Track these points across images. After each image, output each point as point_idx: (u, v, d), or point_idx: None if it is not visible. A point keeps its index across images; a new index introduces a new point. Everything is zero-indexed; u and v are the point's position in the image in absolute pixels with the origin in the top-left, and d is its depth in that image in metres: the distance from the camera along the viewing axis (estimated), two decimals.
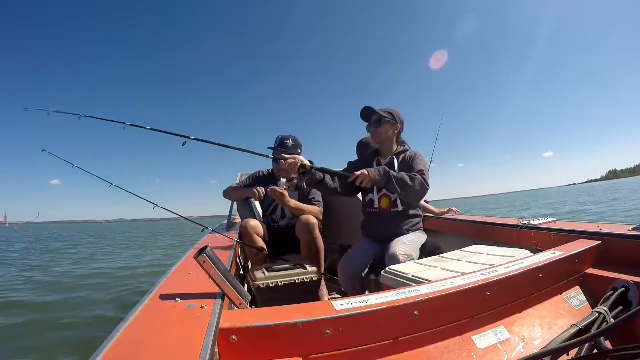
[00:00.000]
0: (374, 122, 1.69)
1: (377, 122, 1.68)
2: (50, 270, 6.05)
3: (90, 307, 3.42)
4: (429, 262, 1.22)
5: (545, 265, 0.91)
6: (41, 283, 4.83)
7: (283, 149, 2.07)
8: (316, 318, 0.64)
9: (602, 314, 0.79)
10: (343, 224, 2.28)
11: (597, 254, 1.07)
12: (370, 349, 0.67)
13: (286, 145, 2.09)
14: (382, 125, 1.67)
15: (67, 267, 6.57)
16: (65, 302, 3.67)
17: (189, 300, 0.70)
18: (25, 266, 6.76)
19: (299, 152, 2.13)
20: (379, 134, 1.68)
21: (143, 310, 0.66)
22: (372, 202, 1.69)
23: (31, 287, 4.56)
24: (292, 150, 2.09)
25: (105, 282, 4.71)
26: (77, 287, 4.48)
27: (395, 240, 1.54)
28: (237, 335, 0.60)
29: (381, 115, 1.65)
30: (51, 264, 7.13)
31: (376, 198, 1.67)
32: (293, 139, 2.12)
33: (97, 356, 0.48)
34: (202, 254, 0.72)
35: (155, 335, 0.55)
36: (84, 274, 5.56)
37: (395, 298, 0.73)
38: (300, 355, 0.63)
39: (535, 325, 0.82)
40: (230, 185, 2.24)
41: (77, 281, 4.91)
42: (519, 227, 1.50)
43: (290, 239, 1.94)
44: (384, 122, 1.66)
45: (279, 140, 2.11)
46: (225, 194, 2.23)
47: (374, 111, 1.66)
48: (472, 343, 0.73)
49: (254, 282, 1.48)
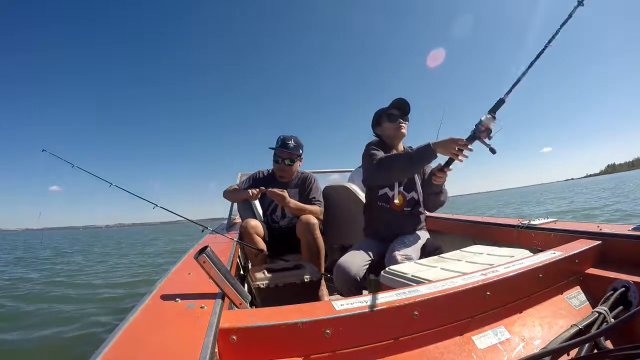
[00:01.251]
0: (407, 117, 1.68)
1: (408, 118, 1.68)
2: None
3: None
4: (429, 262, 1.22)
5: (545, 265, 0.92)
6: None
7: (285, 149, 2.07)
8: (316, 318, 0.64)
9: (602, 314, 0.79)
10: (343, 223, 2.29)
11: (597, 254, 1.07)
12: (370, 349, 0.67)
13: (288, 146, 2.08)
14: (407, 123, 1.69)
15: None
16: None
17: (189, 300, 0.70)
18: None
19: (300, 152, 2.13)
20: (405, 128, 1.67)
21: (143, 310, 0.66)
22: (385, 197, 1.65)
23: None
24: (294, 150, 2.09)
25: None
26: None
27: (397, 240, 1.54)
28: (237, 335, 0.60)
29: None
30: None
31: (395, 193, 1.62)
32: (295, 140, 2.11)
33: (97, 356, 0.48)
34: (202, 254, 0.72)
35: (155, 335, 0.55)
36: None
37: (395, 298, 0.73)
38: (300, 355, 0.63)
39: (535, 325, 0.82)
40: (230, 186, 2.24)
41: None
42: (518, 227, 1.50)
43: (291, 239, 1.94)
44: (409, 120, 1.69)
45: (281, 141, 2.10)
46: (225, 194, 2.23)
47: (410, 107, 1.66)
48: (472, 343, 0.73)
49: (254, 282, 1.48)
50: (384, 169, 1.48)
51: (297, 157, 2.11)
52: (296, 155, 2.10)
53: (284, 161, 2.08)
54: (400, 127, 1.64)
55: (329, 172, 3.29)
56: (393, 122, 1.64)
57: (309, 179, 2.17)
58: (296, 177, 2.18)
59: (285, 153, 2.07)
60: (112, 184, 1.57)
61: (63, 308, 3.51)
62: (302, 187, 2.15)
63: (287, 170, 2.12)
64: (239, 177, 2.87)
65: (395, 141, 1.69)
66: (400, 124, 1.64)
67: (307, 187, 2.14)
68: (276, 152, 2.09)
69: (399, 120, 1.64)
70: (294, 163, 2.11)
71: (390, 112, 1.65)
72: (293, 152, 2.08)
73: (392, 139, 1.68)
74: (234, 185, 2.24)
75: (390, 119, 1.65)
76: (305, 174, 2.21)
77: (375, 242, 1.64)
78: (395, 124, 1.64)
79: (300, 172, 2.22)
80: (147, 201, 1.52)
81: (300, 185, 2.15)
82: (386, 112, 1.67)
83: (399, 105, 1.65)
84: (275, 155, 2.11)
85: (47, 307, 3.59)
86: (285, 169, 2.11)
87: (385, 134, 1.69)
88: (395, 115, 1.65)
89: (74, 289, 4.68)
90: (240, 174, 2.89)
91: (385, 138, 1.70)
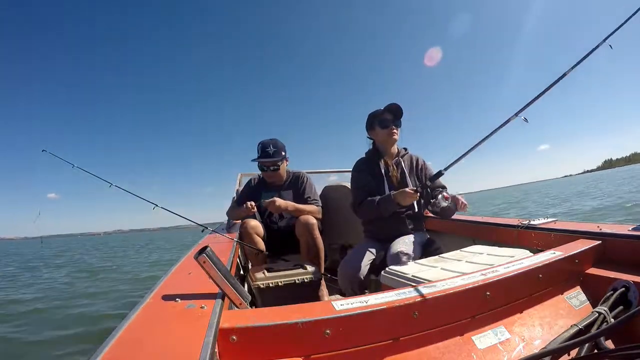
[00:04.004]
0: (399, 122, 1.69)
1: (400, 123, 1.69)
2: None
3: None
4: (429, 262, 1.22)
5: (545, 265, 0.91)
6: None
7: (266, 158, 2.03)
8: (316, 318, 0.64)
9: (602, 314, 0.79)
10: (343, 224, 2.28)
11: (597, 253, 1.07)
12: (370, 349, 0.67)
13: (268, 153, 2.03)
14: (400, 128, 1.70)
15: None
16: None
17: (189, 300, 0.70)
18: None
19: (283, 154, 2.09)
20: (397, 134, 1.69)
21: (143, 310, 0.66)
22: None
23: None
24: (276, 156, 2.04)
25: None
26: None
27: (397, 240, 1.54)
28: (237, 335, 0.60)
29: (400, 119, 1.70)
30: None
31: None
32: (273, 144, 2.06)
33: (97, 356, 0.48)
34: (202, 254, 0.72)
35: (155, 335, 0.55)
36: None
37: (395, 298, 0.73)
38: (301, 355, 0.63)
39: (535, 325, 0.82)
40: (229, 207, 2.22)
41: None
42: (518, 227, 1.50)
43: (290, 239, 1.94)
44: (401, 125, 1.70)
45: (260, 149, 2.06)
46: (228, 215, 2.24)
47: (402, 112, 1.68)
48: (472, 343, 0.73)
49: (254, 282, 1.48)
50: (360, 212, 1.68)
51: (280, 161, 2.07)
52: (278, 160, 2.06)
53: (269, 169, 2.06)
54: (392, 134, 1.67)
55: (328, 172, 3.29)
56: (384, 129, 1.68)
57: (301, 178, 2.15)
58: (288, 178, 2.17)
59: (267, 162, 2.04)
60: (112, 184, 1.57)
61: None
62: (295, 188, 2.13)
63: (275, 176, 2.10)
64: (238, 177, 2.87)
65: (388, 146, 1.73)
66: (392, 130, 1.67)
67: (300, 187, 2.12)
68: (259, 162, 2.07)
69: (391, 127, 1.67)
70: (279, 167, 2.08)
71: (383, 117, 1.68)
72: (275, 157, 2.04)
73: (384, 144, 1.73)
74: (231, 206, 2.22)
75: (382, 125, 1.68)
76: (297, 173, 2.19)
77: (375, 243, 1.65)
78: (387, 130, 1.67)
79: (292, 172, 2.20)
80: (147, 201, 1.52)
81: (293, 186, 2.14)
82: (379, 116, 1.69)
83: (391, 110, 1.67)
84: (259, 165, 2.08)
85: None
86: (273, 175, 2.09)
87: (378, 139, 1.74)
88: (388, 120, 1.67)
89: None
90: (240, 174, 2.89)
91: (378, 143, 1.75)
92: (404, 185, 1.67)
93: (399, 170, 1.71)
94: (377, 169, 1.70)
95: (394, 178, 1.68)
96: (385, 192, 1.65)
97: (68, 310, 3.88)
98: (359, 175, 1.72)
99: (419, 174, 1.75)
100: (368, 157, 1.78)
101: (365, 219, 1.75)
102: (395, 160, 1.72)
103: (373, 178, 1.69)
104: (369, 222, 1.75)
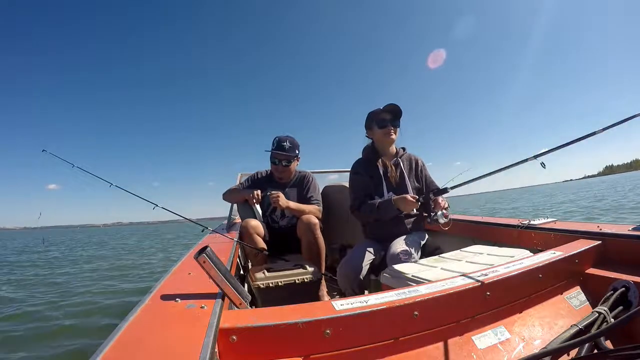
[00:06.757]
0: (397, 122, 1.70)
1: (398, 123, 1.70)
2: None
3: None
4: (429, 262, 1.22)
5: (545, 265, 0.91)
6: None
7: (281, 151, 2.06)
8: (316, 318, 0.64)
9: (602, 314, 0.79)
10: (344, 224, 2.28)
11: (597, 253, 1.07)
12: (370, 349, 0.67)
13: (284, 147, 2.07)
14: (399, 128, 1.70)
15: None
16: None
17: (189, 300, 0.70)
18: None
19: (297, 152, 2.12)
20: (395, 134, 1.70)
21: (143, 310, 0.66)
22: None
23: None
24: (290, 151, 2.08)
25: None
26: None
27: (396, 240, 1.54)
28: (237, 335, 0.60)
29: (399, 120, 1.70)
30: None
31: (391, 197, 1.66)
32: (290, 140, 2.10)
33: (97, 356, 0.48)
34: (202, 254, 0.72)
35: (155, 335, 0.55)
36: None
37: (395, 298, 0.73)
38: (301, 355, 0.63)
39: (535, 325, 0.82)
40: (230, 188, 2.24)
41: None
42: (518, 227, 1.50)
43: (291, 239, 1.94)
44: (400, 125, 1.70)
45: (276, 142, 2.09)
46: (225, 196, 2.22)
47: (401, 112, 1.68)
48: (472, 343, 0.73)
49: (254, 282, 1.48)
50: (359, 215, 1.69)
51: (293, 157, 2.11)
52: (292, 156, 2.09)
53: (281, 162, 2.09)
54: (389, 134, 1.68)
55: (328, 172, 3.29)
56: (382, 129, 1.68)
57: (307, 178, 2.17)
58: (294, 177, 2.18)
59: (281, 155, 2.07)
60: (112, 184, 1.57)
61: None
62: (300, 187, 2.15)
63: (285, 171, 2.12)
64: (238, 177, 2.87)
65: (385, 146, 1.73)
66: (389, 130, 1.67)
67: (305, 187, 2.14)
68: (272, 154, 2.09)
69: (389, 127, 1.67)
70: (290, 164, 2.11)
71: (381, 116, 1.68)
72: (289, 153, 2.07)
73: (382, 144, 1.74)
74: (234, 186, 2.24)
75: (380, 125, 1.68)
76: (303, 173, 2.21)
77: (375, 243, 1.65)
78: (385, 130, 1.68)
79: (298, 171, 2.22)
80: (148, 201, 1.52)
81: (299, 185, 2.16)
82: (377, 116, 1.70)
83: (390, 110, 1.68)
84: (272, 157, 2.10)
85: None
86: (283, 170, 2.11)
87: (376, 138, 1.75)
88: (386, 120, 1.68)
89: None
90: (240, 174, 2.89)
91: (376, 142, 1.76)
92: (402, 186, 1.67)
93: (398, 171, 1.71)
94: (376, 170, 1.70)
95: (393, 179, 1.68)
96: (383, 194, 1.65)
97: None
98: (357, 177, 1.72)
99: (418, 175, 1.75)
100: (366, 157, 1.78)
101: (360, 220, 1.75)
102: (394, 161, 1.72)
103: (371, 179, 1.69)
104: (368, 222, 1.75)
